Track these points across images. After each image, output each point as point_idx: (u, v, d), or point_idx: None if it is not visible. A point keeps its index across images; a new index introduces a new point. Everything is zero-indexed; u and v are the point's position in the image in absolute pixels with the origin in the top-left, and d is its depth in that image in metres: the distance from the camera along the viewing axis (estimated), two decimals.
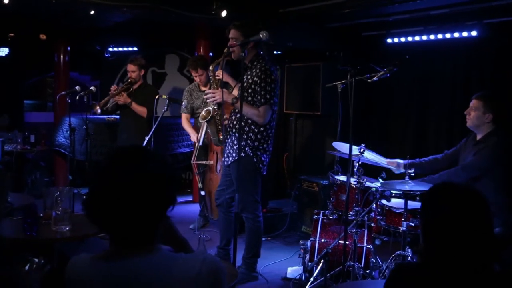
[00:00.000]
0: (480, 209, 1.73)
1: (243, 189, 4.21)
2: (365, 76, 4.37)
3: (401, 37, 5.62)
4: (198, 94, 5.70)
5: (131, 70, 5.77)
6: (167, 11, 5.26)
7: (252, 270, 4.44)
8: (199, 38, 7.13)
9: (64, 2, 4.79)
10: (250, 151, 4.15)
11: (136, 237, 1.55)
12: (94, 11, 5.36)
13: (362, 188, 4.22)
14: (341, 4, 5.21)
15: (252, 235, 4.39)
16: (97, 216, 1.58)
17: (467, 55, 5.33)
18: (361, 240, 4.23)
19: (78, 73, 9.27)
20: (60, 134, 7.06)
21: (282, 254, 5.22)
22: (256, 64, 4.14)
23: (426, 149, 5.84)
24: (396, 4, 4.97)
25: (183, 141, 7.44)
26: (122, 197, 1.51)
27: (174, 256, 1.61)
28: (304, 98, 6.68)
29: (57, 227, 3.34)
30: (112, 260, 1.55)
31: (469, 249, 1.68)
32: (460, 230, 1.69)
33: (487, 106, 3.88)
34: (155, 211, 1.58)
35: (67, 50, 7.86)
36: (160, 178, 1.58)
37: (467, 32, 4.96)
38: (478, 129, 3.99)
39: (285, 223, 5.87)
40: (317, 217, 4.53)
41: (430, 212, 1.78)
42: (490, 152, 3.84)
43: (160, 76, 8.65)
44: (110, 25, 6.88)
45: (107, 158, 1.64)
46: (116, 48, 8.20)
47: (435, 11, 5.02)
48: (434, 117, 5.75)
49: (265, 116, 4.07)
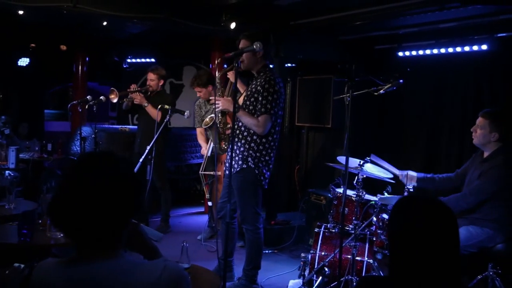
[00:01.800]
0: (445, 221, 1.70)
1: (244, 200, 4.21)
2: (371, 89, 4.35)
3: (412, 51, 5.59)
4: (207, 107, 5.75)
5: (150, 79, 5.91)
6: (176, 23, 5.33)
7: (253, 282, 4.39)
8: (213, 50, 7.20)
9: (75, 13, 4.89)
10: (252, 163, 4.13)
11: (99, 242, 1.56)
12: (106, 22, 5.47)
13: (361, 201, 4.16)
14: (352, 16, 5.20)
15: (252, 246, 4.35)
16: (61, 220, 1.59)
17: (478, 68, 5.26)
18: (362, 254, 4.17)
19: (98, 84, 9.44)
20: (75, 143, 7.18)
21: (287, 266, 5.18)
22: (262, 74, 4.14)
23: (437, 162, 5.77)
24: (407, 16, 4.93)
25: (196, 152, 7.47)
26: (85, 202, 1.52)
27: (136, 262, 1.61)
28: (316, 111, 6.66)
29: (52, 233, 3.38)
30: (75, 265, 1.56)
31: (436, 262, 1.65)
32: (425, 242, 1.66)
33: (493, 125, 3.81)
34: (119, 217, 1.58)
35: (86, 60, 8.03)
36: (125, 184, 1.59)
37: (478, 46, 4.90)
38: (484, 147, 3.93)
39: (292, 236, 5.83)
40: (318, 230, 4.49)
41: (396, 225, 1.76)
42: (497, 174, 3.75)
43: (177, 87, 8.75)
44: (127, 36, 7.01)
45: (74, 163, 1.66)
46: (135, 59, 8.34)
47: (445, 24, 4.97)
48: (445, 130, 5.67)
49: (264, 126, 4.02)
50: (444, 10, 4.54)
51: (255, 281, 4.41)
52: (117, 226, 1.59)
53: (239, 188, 4.17)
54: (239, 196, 4.21)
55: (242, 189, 4.17)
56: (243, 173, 4.14)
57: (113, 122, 9.15)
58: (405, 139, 6.13)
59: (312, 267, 4.29)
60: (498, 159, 3.79)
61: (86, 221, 1.53)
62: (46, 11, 4.98)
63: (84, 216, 1.53)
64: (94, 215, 1.52)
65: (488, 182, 3.76)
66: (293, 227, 5.92)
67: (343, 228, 3.79)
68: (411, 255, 1.67)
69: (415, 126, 5.98)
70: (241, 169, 4.14)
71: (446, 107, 5.63)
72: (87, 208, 1.52)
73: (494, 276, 3.50)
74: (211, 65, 7.35)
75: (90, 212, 1.52)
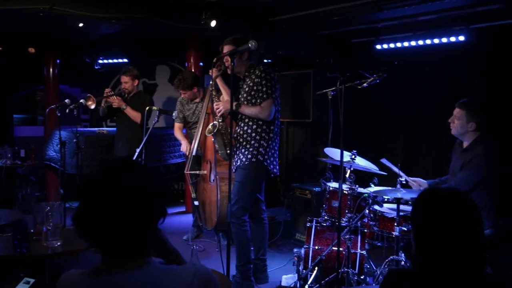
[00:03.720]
0: (469, 213, 1.73)
1: (241, 193, 4.22)
2: (355, 83, 4.39)
3: (390, 43, 5.66)
4: (190, 106, 5.74)
5: (124, 81, 5.82)
6: (156, 22, 5.26)
7: (247, 278, 4.39)
8: (189, 49, 7.15)
9: (52, 15, 4.76)
10: (262, 157, 4.20)
11: (127, 250, 1.54)
12: (83, 23, 5.35)
13: (354, 194, 4.22)
14: (330, 11, 5.23)
15: (239, 241, 4.34)
16: (87, 230, 1.56)
17: (456, 59, 5.37)
18: (355, 246, 4.23)
19: (68, 86, 9.22)
20: (50, 148, 7.01)
21: (276, 262, 5.20)
22: (252, 71, 4.22)
23: (417, 153, 5.88)
24: (385, 10, 4.99)
25: (175, 151, 7.42)
26: (112, 210, 1.50)
27: (166, 269, 1.59)
28: (295, 106, 6.69)
29: (49, 243, 3.30)
30: (103, 275, 1.53)
31: (461, 252, 1.68)
32: (451, 234, 1.69)
33: (470, 115, 3.88)
34: (146, 224, 1.56)
35: (57, 63, 7.83)
36: (149, 190, 1.57)
37: (455, 37, 5.00)
38: (462, 137, 4.00)
39: (279, 231, 5.85)
40: (310, 224, 4.52)
41: (420, 217, 1.79)
42: (479, 164, 3.81)
43: (150, 87, 8.64)
44: (99, 37, 6.87)
45: (97, 171, 1.63)
46: (106, 60, 8.18)
47: (423, 17, 5.06)
48: (425, 122, 5.78)
49: (269, 110, 4.12)
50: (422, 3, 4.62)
51: (249, 276, 4.41)
52: (145, 232, 1.57)
53: (241, 180, 4.19)
54: (237, 188, 4.20)
55: (245, 182, 4.20)
56: (251, 167, 4.19)
57: (86, 125, 8.97)
58: (385, 131, 6.23)
59: (307, 261, 4.32)
60: (478, 148, 3.87)
61: (113, 230, 1.51)
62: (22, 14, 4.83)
63: (111, 224, 1.50)
64: (121, 224, 1.51)
65: (471, 173, 3.82)
66: (279, 222, 5.95)
67: (339, 221, 3.83)
68: (438, 247, 1.70)
69: (395, 118, 6.08)
70: (249, 162, 4.16)
71: (425, 98, 5.74)
72: (114, 217, 1.50)
73: None
74: (186, 63, 7.29)
75: (117, 220, 1.50)
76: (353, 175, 4.20)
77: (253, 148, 4.19)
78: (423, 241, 1.75)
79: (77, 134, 5.44)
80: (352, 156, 4.18)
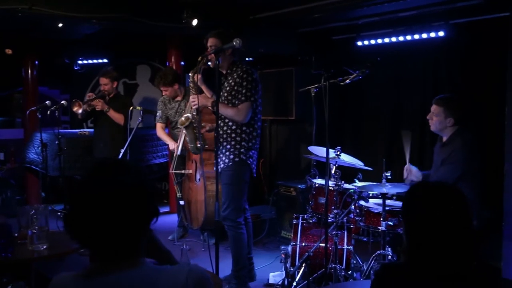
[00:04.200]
0: (460, 205, 1.75)
1: (230, 196, 4.18)
2: (337, 79, 4.41)
3: (371, 40, 5.69)
4: (172, 105, 5.72)
5: (103, 83, 5.77)
6: (137, 22, 5.21)
7: (243, 283, 4.30)
8: (170, 48, 7.11)
9: (31, 15, 4.69)
10: (244, 156, 4.16)
11: (120, 251, 1.53)
12: (62, 23, 5.28)
13: (340, 190, 4.25)
14: (311, 9, 5.24)
15: (235, 244, 4.28)
16: (79, 232, 1.54)
17: (436, 55, 5.43)
18: (341, 242, 4.26)
19: (47, 88, 9.10)
20: (31, 150, 6.91)
21: (263, 260, 5.20)
22: (235, 69, 4.16)
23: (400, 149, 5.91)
24: (365, 7, 5.02)
25: (157, 151, 7.38)
26: (104, 211, 1.49)
27: (159, 269, 1.59)
28: (278, 104, 6.70)
29: (34, 246, 3.26)
30: (96, 277, 1.52)
31: (452, 245, 1.70)
32: (442, 227, 1.71)
33: (447, 111, 3.93)
34: (138, 224, 1.56)
35: (35, 64, 7.72)
36: (142, 190, 1.57)
37: (435, 32, 5.05)
38: (442, 132, 4.05)
39: (264, 229, 5.87)
40: (296, 221, 4.53)
41: (411, 211, 1.81)
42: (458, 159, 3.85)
43: (131, 87, 8.58)
44: (79, 37, 6.78)
45: (87, 172, 1.61)
46: (86, 61, 8.10)
47: (404, 13, 5.10)
48: (406, 117, 5.83)
49: (245, 113, 4.06)
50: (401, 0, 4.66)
51: (246, 282, 4.33)
52: (137, 232, 1.57)
53: (227, 183, 4.16)
54: (225, 191, 4.17)
55: (230, 184, 4.16)
56: (234, 167, 4.15)
57: (66, 127, 8.86)
58: (368, 127, 6.27)
59: (294, 258, 4.33)
60: (456, 142, 3.91)
61: (107, 231, 1.50)
62: None
63: (104, 225, 1.50)
64: (113, 224, 1.50)
65: (452, 168, 3.86)
66: (264, 220, 5.96)
67: (327, 217, 3.86)
68: (429, 240, 1.72)
69: (377, 114, 6.13)
70: (232, 163, 4.13)
71: (406, 94, 5.80)
72: (106, 217, 1.50)
73: None
74: (167, 63, 7.25)
75: (110, 221, 1.50)
76: (338, 171, 4.22)
77: (234, 149, 4.14)
78: (415, 235, 1.77)
79: (59, 136, 5.37)
80: (337, 152, 4.20)
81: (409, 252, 1.79)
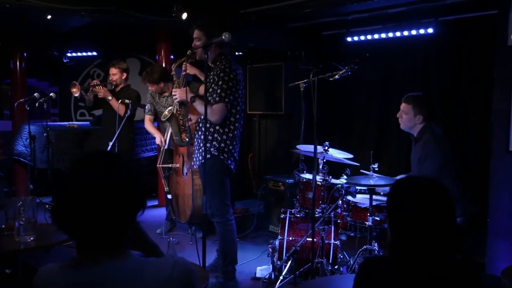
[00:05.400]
0: (444, 200, 1.76)
1: (211, 192, 4.15)
2: (326, 75, 4.43)
3: (361, 36, 5.72)
4: (161, 99, 5.70)
5: (112, 73, 5.78)
6: (126, 15, 5.20)
7: (230, 278, 4.26)
8: (159, 41, 7.09)
9: (20, 7, 4.66)
10: (216, 151, 4.09)
11: (106, 242, 1.54)
12: (51, 15, 5.25)
13: (327, 185, 4.27)
14: (301, 4, 5.25)
15: (225, 240, 4.25)
16: (65, 222, 1.55)
17: (425, 51, 5.47)
18: (329, 236, 4.28)
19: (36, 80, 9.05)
20: (19, 142, 6.86)
21: (251, 254, 5.22)
22: (218, 64, 4.08)
23: (388, 144, 5.97)
24: (354, 3, 5.04)
25: (146, 145, 7.36)
26: (90, 202, 1.49)
27: (145, 260, 1.60)
28: (267, 98, 6.72)
29: (21, 238, 3.25)
30: (81, 267, 1.53)
31: (436, 239, 1.72)
32: (426, 221, 1.72)
33: (416, 109, 3.96)
34: (124, 216, 1.56)
35: (24, 56, 7.66)
36: (128, 182, 1.57)
37: (424, 29, 5.09)
38: (412, 130, 4.08)
39: (252, 223, 5.89)
40: (284, 216, 4.55)
41: (395, 205, 1.82)
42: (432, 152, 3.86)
43: None
44: (68, 30, 6.75)
45: (73, 164, 1.62)
46: (75, 53, 8.06)
47: (393, 9, 5.13)
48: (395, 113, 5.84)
49: (218, 114, 3.96)
50: None
51: (233, 277, 4.30)
52: (123, 224, 1.57)
53: (205, 179, 4.13)
54: (206, 189, 4.16)
55: (209, 180, 4.12)
56: (208, 163, 4.09)
57: (55, 119, 8.82)
58: (356, 123, 6.30)
59: (281, 253, 4.36)
60: (426, 136, 3.95)
61: (91, 222, 1.51)
62: None
63: (89, 217, 1.50)
64: (98, 216, 1.50)
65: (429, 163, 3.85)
66: (253, 214, 5.98)
67: (313, 212, 3.88)
68: (413, 234, 1.73)
69: (365, 110, 6.16)
70: (205, 160, 4.10)
71: (394, 91, 5.82)
72: (92, 209, 1.50)
73: None
74: (157, 56, 7.23)
75: (95, 212, 1.50)
76: (326, 166, 4.24)
77: (207, 146, 4.06)
78: (399, 229, 1.78)
79: (47, 128, 5.34)
80: (325, 147, 4.22)
81: (393, 246, 1.81)
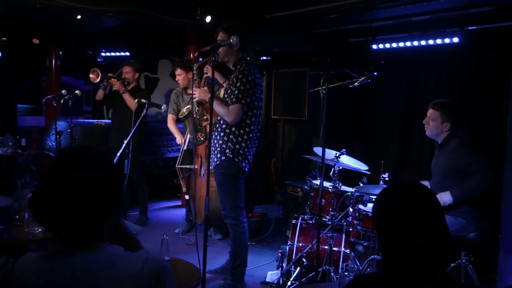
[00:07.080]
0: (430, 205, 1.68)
1: (225, 194, 4.20)
2: (346, 82, 4.40)
3: (386, 43, 5.65)
4: (185, 98, 5.78)
5: (125, 71, 5.99)
6: (152, 16, 5.30)
7: (238, 281, 4.28)
8: (188, 43, 7.21)
9: (48, 6, 4.82)
10: (231, 153, 4.12)
11: (80, 235, 1.57)
12: (81, 15, 5.41)
13: (338, 193, 4.23)
14: (326, 9, 5.23)
15: (236, 242, 4.27)
16: (41, 215, 1.60)
17: (450, 61, 5.35)
18: (339, 244, 4.24)
19: (72, 78, 9.32)
20: (49, 137, 7.10)
21: (265, 258, 5.23)
22: (238, 67, 4.15)
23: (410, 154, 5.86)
24: (380, 9, 4.99)
25: (173, 145, 7.47)
26: (66, 195, 1.53)
27: (118, 254, 1.62)
28: (291, 103, 6.71)
29: (30, 228, 3.35)
30: (56, 258, 1.57)
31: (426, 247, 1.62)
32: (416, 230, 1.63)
33: (444, 116, 3.90)
34: (99, 210, 1.59)
35: (59, 54, 7.93)
36: (105, 177, 1.60)
37: (449, 38, 4.99)
38: (437, 137, 4.02)
39: (270, 227, 5.88)
40: (296, 221, 4.54)
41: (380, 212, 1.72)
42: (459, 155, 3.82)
43: (152, 81, 8.70)
44: (101, 30, 6.93)
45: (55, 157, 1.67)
46: (109, 53, 8.26)
47: (417, 17, 5.05)
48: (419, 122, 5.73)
49: (234, 115, 4.01)
50: (416, 3, 4.61)
51: (241, 280, 4.30)
52: (98, 219, 1.60)
53: (219, 181, 4.17)
54: (220, 190, 4.20)
55: (223, 182, 4.17)
56: (223, 165, 4.14)
57: (88, 117, 9.06)
58: (379, 130, 6.21)
59: (290, 258, 4.34)
60: (453, 142, 3.89)
61: (66, 215, 1.54)
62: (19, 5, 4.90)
63: (65, 210, 1.54)
64: (74, 209, 1.53)
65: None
66: (271, 219, 5.98)
67: (320, 219, 3.85)
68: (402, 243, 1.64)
69: (389, 118, 6.06)
70: (220, 162, 4.15)
71: (419, 99, 5.71)
72: (67, 202, 1.53)
73: (467, 263, 3.59)
74: (186, 58, 7.33)
75: (70, 206, 1.53)
76: (337, 173, 4.20)
77: (223, 147, 4.12)
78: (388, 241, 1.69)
79: (72, 124, 5.51)
80: (337, 154, 4.19)
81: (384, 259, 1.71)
